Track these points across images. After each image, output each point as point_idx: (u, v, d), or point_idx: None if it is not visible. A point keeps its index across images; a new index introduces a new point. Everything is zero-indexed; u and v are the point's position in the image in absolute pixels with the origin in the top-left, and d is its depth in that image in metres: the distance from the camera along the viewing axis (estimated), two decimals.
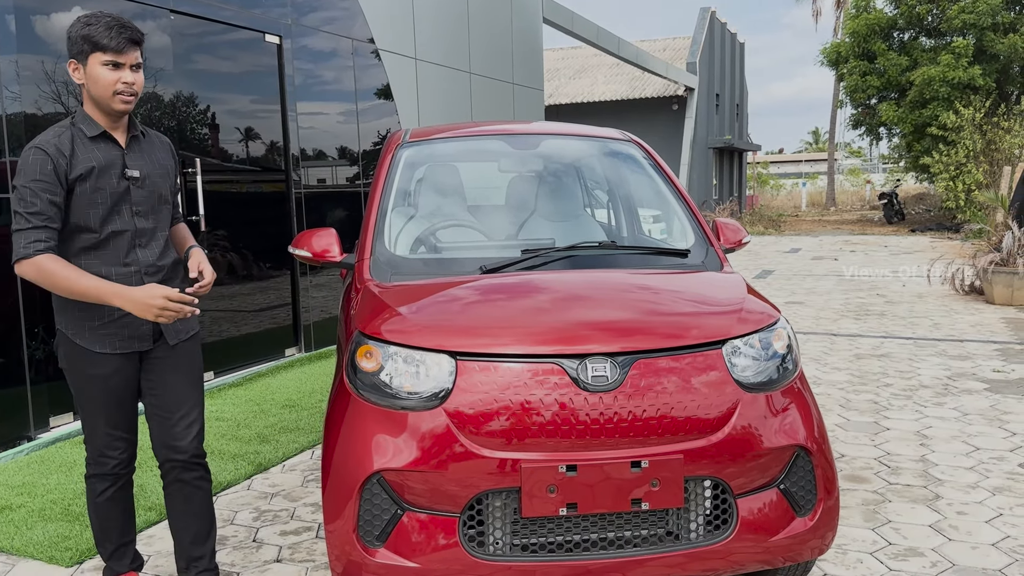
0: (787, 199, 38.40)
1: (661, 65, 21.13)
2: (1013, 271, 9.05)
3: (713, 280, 3.11)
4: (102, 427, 2.73)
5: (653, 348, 2.54)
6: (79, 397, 2.72)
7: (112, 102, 2.58)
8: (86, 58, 2.56)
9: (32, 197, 2.48)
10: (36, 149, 2.52)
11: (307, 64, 7.22)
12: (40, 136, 2.58)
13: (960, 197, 19.09)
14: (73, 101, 5.08)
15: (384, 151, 3.68)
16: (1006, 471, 4.13)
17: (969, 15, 19.96)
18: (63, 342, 2.67)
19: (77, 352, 2.64)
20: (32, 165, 2.50)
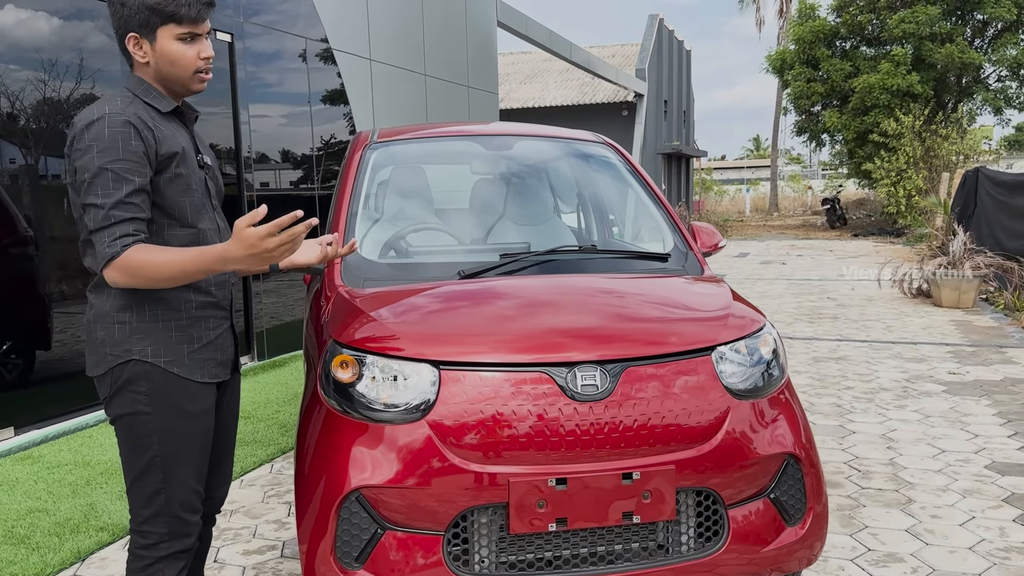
0: (731, 204, 38.99)
1: (611, 71, 21.24)
2: (960, 275, 9.24)
3: (697, 285, 3.05)
4: (191, 483, 2.15)
5: (643, 355, 2.45)
6: (163, 446, 2.07)
7: (192, 83, 2.13)
8: (154, 32, 2.04)
9: (116, 182, 1.93)
10: (112, 117, 1.95)
11: (259, 64, 7.01)
12: (99, 104, 2.01)
13: (901, 202, 19.58)
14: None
15: (351, 152, 3.54)
16: (973, 473, 4.16)
17: (908, 25, 20.48)
18: (148, 375, 2.05)
19: (174, 386, 2.07)
20: (111, 139, 1.94)
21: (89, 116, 1.98)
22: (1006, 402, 5.42)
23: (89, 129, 1.96)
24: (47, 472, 4.30)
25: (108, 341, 2.05)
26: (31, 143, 5.11)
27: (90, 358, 2.10)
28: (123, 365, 2.04)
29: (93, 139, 1.94)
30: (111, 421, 2.13)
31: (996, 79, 22.65)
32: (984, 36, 22.24)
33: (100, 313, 2.07)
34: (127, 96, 2.06)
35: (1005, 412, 5.19)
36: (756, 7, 37.50)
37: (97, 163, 1.93)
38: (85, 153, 1.95)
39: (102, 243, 1.93)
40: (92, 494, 3.99)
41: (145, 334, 2.05)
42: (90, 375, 2.12)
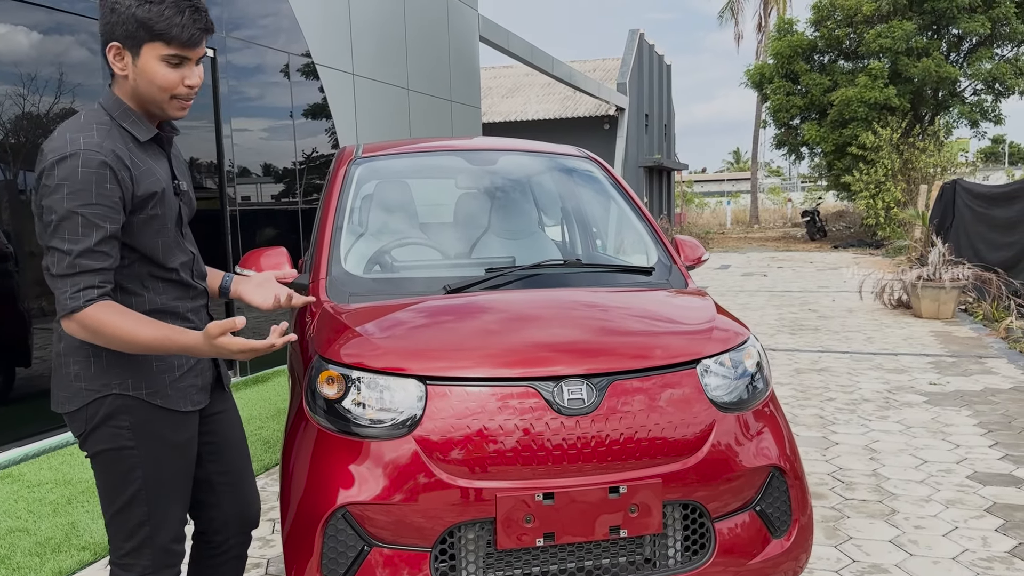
0: (712, 217, 39.24)
1: (593, 85, 21.37)
2: (939, 286, 9.34)
3: (681, 298, 3.06)
4: (177, 513, 2.08)
5: (629, 369, 2.46)
6: (148, 479, 1.99)
7: (167, 107, 1.96)
8: (139, 46, 1.88)
9: (85, 228, 1.79)
10: (87, 155, 1.80)
11: (242, 78, 7.00)
12: (73, 131, 1.84)
13: (880, 214, 19.80)
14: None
15: (335, 167, 3.54)
16: (955, 483, 4.19)
17: (885, 40, 20.76)
18: (129, 409, 1.95)
19: (156, 418, 1.98)
20: (84, 181, 1.80)
21: (61, 149, 1.82)
22: (986, 412, 5.47)
23: (60, 165, 1.81)
24: (27, 491, 4.25)
25: (83, 376, 1.94)
26: (9, 158, 5.07)
27: (59, 393, 1.98)
28: (101, 400, 1.94)
29: (64, 178, 1.80)
30: (88, 456, 2.02)
31: (972, 92, 22.99)
32: (960, 50, 22.57)
33: (72, 346, 1.94)
34: (104, 122, 1.91)
35: (986, 422, 5.24)
36: (735, 22, 37.90)
37: (66, 205, 1.80)
38: (54, 192, 1.81)
39: (63, 292, 1.82)
40: (73, 513, 3.94)
41: (124, 367, 1.94)
42: (59, 411, 1.99)
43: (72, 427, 2.01)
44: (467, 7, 11.99)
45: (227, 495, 2.26)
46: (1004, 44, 22.11)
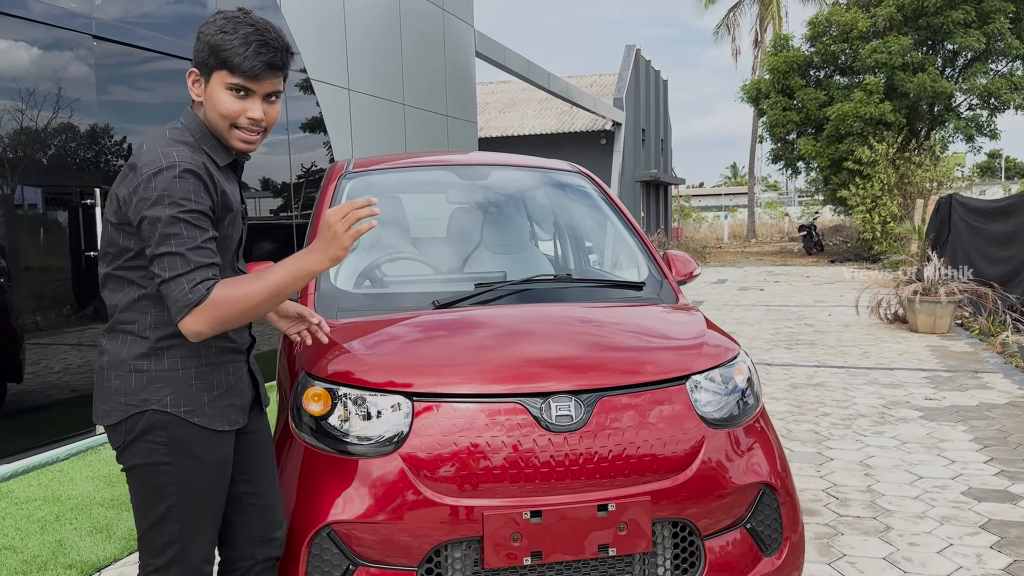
0: (709, 231, 39.27)
1: (589, 100, 21.44)
2: (935, 300, 9.33)
3: (671, 313, 3.05)
4: (209, 534, 2.09)
5: (618, 385, 2.45)
6: (181, 496, 2.00)
7: (228, 136, 2.02)
8: (209, 73, 1.97)
9: (190, 230, 1.86)
10: (182, 167, 1.88)
11: None
12: (164, 146, 1.92)
13: (876, 229, 19.82)
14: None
15: (326, 182, 3.53)
16: (950, 500, 4.17)
17: (880, 55, 20.85)
18: (165, 426, 1.97)
19: (192, 435, 1.99)
20: (183, 191, 1.87)
21: (156, 163, 1.89)
22: (982, 427, 5.45)
23: (157, 177, 1.87)
24: (15, 508, 4.21)
25: (123, 390, 1.97)
26: (6, 172, 5.06)
27: (101, 406, 2.03)
28: (139, 415, 1.96)
29: (163, 189, 1.86)
30: (124, 469, 2.06)
31: (967, 107, 23.07)
32: (955, 65, 22.67)
33: (115, 360, 1.99)
34: (188, 141, 1.98)
35: (981, 438, 5.22)
36: (731, 38, 38.07)
37: (169, 212, 1.85)
38: (155, 203, 1.86)
39: (181, 291, 1.84)
40: (61, 530, 3.90)
41: (164, 383, 1.97)
42: (100, 424, 2.05)
43: (111, 439, 2.05)
44: (463, 23, 12.04)
45: (255, 516, 2.23)
46: (999, 59, 22.21)
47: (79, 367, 5.50)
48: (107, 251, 2.04)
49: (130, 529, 3.90)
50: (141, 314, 2.00)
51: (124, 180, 1.95)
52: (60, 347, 5.49)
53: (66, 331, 5.48)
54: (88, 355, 5.59)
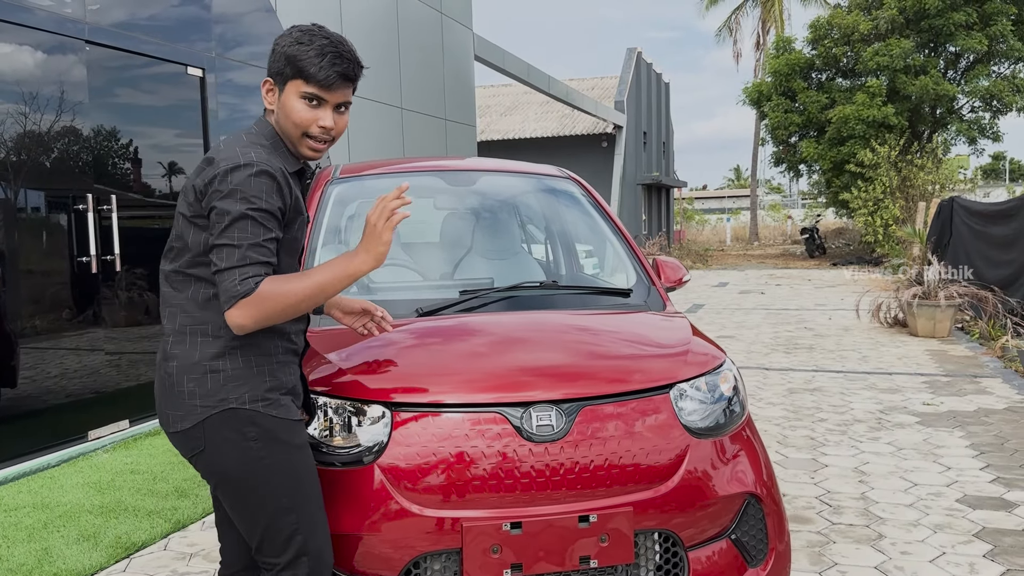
0: (712, 234, 39.24)
1: (590, 103, 21.42)
2: (935, 304, 9.29)
3: (657, 321, 3.02)
4: (321, 517, 2.13)
5: (600, 394, 2.42)
6: (287, 485, 2.05)
7: (299, 144, 2.10)
8: (284, 82, 2.06)
9: (255, 227, 1.92)
10: (259, 167, 1.94)
11: (232, 98, 7.00)
12: (242, 146, 1.99)
13: (879, 232, 19.76)
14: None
15: (312, 188, 3.51)
16: (945, 507, 4.13)
17: (882, 57, 20.81)
18: (252, 419, 2.00)
19: (279, 426, 2.04)
20: (257, 189, 1.93)
21: (234, 159, 1.95)
22: (979, 433, 5.41)
23: (234, 173, 1.93)
24: (3, 515, 4.19)
25: (199, 392, 2.00)
26: (3, 175, 5.06)
27: (172, 412, 2.03)
28: (219, 415, 1.99)
29: (238, 184, 1.92)
30: (212, 476, 2.07)
31: (970, 110, 23.01)
32: (957, 68, 22.62)
33: (187, 364, 2.01)
34: (264, 145, 2.05)
35: (978, 444, 5.18)
36: (733, 40, 38.05)
37: (239, 207, 1.92)
38: (227, 196, 1.93)
39: (232, 281, 1.90)
40: (48, 538, 3.88)
41: (242, 380, 2.01)
42: (173, 431, 2.05)
43: (185, 446, 2.06)
44: (462, 26, 12.03)
45: None
46: (1001, 61, 22.15)
47: (75, 372, 5.49)
48: (174, 246, 2.07)
49: (117, 537, 3.88)
50: (214, 313, 2.02)
51: (200, 173, 2.00)
52: (56, 351, 5.47)
53: (61, 335, 5.46)
54: (86, 359, 5.58)
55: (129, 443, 5.44)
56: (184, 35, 6.47)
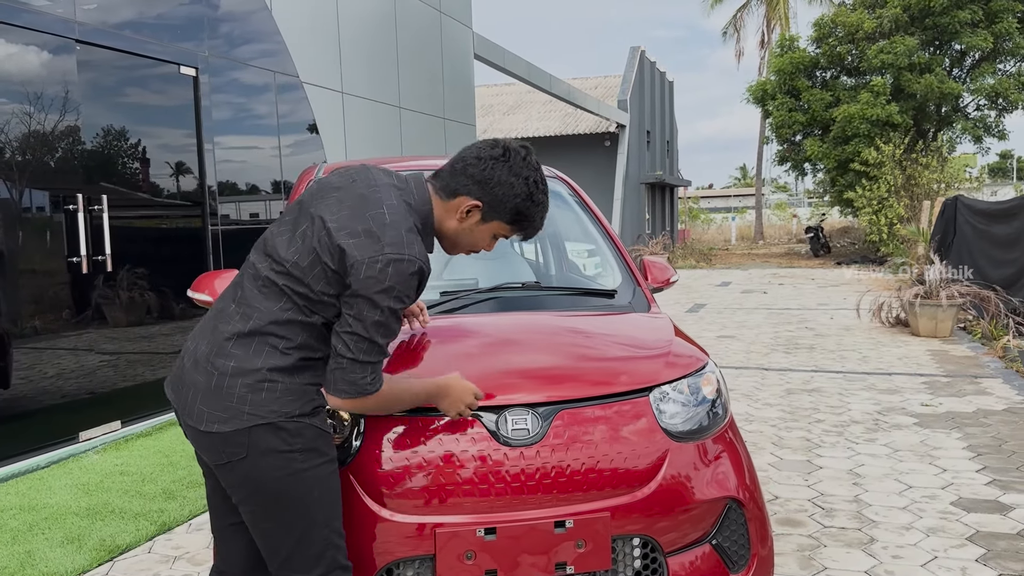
0: (717, 233, 39.11)
1: (593, 102, 21.36)
2: (936, 304, 9.21)
3: (639, 322, 2.98)
4: (343, 532, 2.14)
5: (577, 397, 2.38)
6: (325, 501, 2.06)
7: (450, 249, 2.25)
8: (494, 219, 2.15)
9: (395, 324, 2.01)
10: (418, 265, 1.99)
11: (226, 97, 6.98)
12: (407, 231, 2.00)
13: (883, 231, 19.67)
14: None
15: (296, 187, 3.48)
16: (939, 510, 4.08)
17: (887, 56, 20.70)
18: (300, 431, 2.00)
19: (319, 436, 2.05)
20: (407, 287, 1.98)
21: (398, 249, 1.96)
22: (977, 435, 5.35)
23: (395, 266, 1.95)
24: None
25: (250, 399, 1.97)
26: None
27: (215, 412, 1.98)
28: (268, 426, 1.97)
29: (396, 281, 1.95)
30: (247, 485, 2.01)
31: (975, 108, 22.89)
32: (962, 66, 22.49)
33: (246, 368, 1.99)
34: (417, 229, 2.06)
35: (975, 445, 5.12)
36: (737, 38, 37.92)
37: (391, 305, 1.96)
38: (383, 292, 1.95)
39: (363, 377, 2.01)
40: (32, 541, 3.86)
41: (296, 396, 2.01)
42: (208, 430, 1.99)
43: (220, 450, 2.00)
44: (461, 25, 11.99)
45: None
46: (1007, 59, 22.02)
47: (68, 373, 5.46)
48: (285, 259, 2.04)
49: (102, 539, 3.86)
50: (292, 333, 2.02)
51: (360, 244, 1.97)
52: (53, 352, 5.45)
53: (53, 336, 5.44)
54: (81, 360, 5.55)
55: (120, 444, 5.42)
56: (177, 34, 6.44)
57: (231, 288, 2.14)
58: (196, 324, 2.20)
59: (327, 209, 2.05)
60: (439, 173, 2.20)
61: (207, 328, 2.10)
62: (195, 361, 2.05)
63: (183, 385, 2.06)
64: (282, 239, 2.09)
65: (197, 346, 2.07)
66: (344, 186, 2.11)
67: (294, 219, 2.12)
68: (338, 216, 2.02)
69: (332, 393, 2.04)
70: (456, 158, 2.20)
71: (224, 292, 2.16)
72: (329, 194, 2.10)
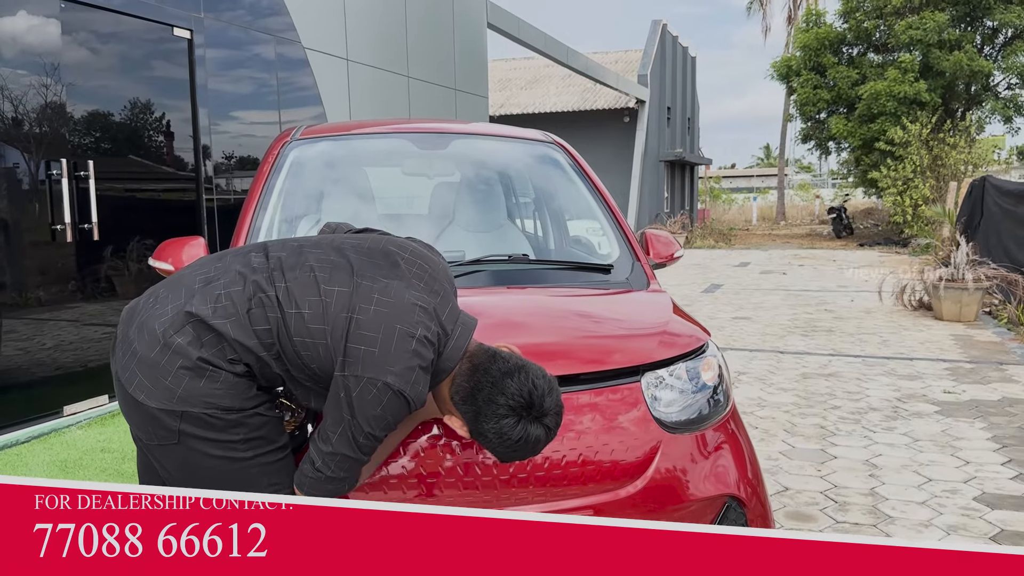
0: (738, 213, 38.53)
1: (612, 76, 20.93)
2: (962, 287, 8.86)
3: (634, 300, 2.72)
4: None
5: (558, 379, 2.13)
6: (273, 487, 1.88)
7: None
8: (465, 414, 1.84)
9: (375, 445, 1.81)
10: (412, 404, 1.77)
11: (222, 61, 6.72)
12: (418, 371, 1.76)
13: (908, 212, 19.18)
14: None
15: (268, 151, 3.23)
16: (960, 506, 3.81)
17: (916, 31, 20.11)
18: (242, 422, 1.81)
19: (264, 426, 1.86)
20: (396, 419, 1.79)
21: (403, 382, 1.73)
22: (1002, 425, 5.05)
23: (392, 397, 1.73)
24: None
25: (187, 384, 1.78)
26: None
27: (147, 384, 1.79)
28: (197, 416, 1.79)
29: (388, 410, 1.74)
30: (184, 471, 1.84)
31: (1006, 87, 22.24)
32: (994, 43, 21.82)
33: (189, 352, 1.79)
34: (428, 376, 1.80)
35: (1000, 436, 4.83)
36: (763, 14, 37.16)
37: (380, 433, 1.77)
38: (375, 419, 1.74)
39: (341, 487, 1.83)
40: None
41: (240, 391, 1.81)
42: (137, 398, 1.81)
43: (152, 430, 1.81)
44: None
45: None
46: None
47: (52, 345, 5.28)
48: (293, 312, 1.78)
49: None
50: (248, 360, 1.79)
51: (372, 353, 1.74)
52: (39, 323, 5.26)
53: (44, 308, 5.25)
54: (64, 333, 5.38)
55: (105, 419, 5.24)
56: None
57: (227, 268, 1.86)
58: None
59: (367, 293, 1.79)
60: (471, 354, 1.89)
61: (180, 287, 1.85)
62: (154, 315, 1.80)
63: (127, 338, 1.82)
64: (306, 277, 1.81)
65: (165, 300, 1.83)
66: (403, 275, 1.85)
67: (332, 266, 1.83)
68: (370, 310, 1.77)
69: (305, 495, 1.81)
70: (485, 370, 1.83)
71: (222, 265, 1.88)
72: (383, 274, 1.84)
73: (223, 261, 1.90)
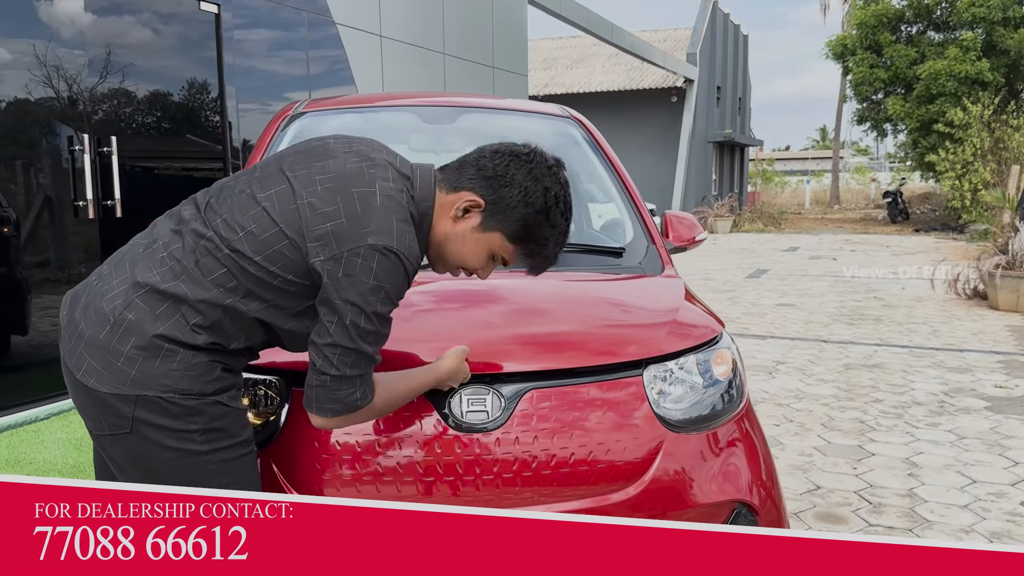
0: (791, 196, 37.67)
1: (659, 55, 20.48)
2: (1020, 276, 8.44)
3: (645, 286, 2.52)
4: None
5: (548, 373, 1.96)
6: (231, 485, 1.71)
7: (439, 268, 1.84)
8: (494, 230, 1.74)
9: (386, 328, 1.67)
10: (407, 262, 1.62)
11: (250, 36, 6.63)
12: (399, 221, 1.62)
13: (966, 197, 18.49)
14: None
15: (270, 123, 3.09)
16: (1006, 511, 3.55)
17: (979, 8, 19.31)
18: (201, 410, 1.67)
19: (225, 417, 1.71)
20: (398, 287, 1.64)
21: (387, 240, 1.59)
22: None
23: (384, 261, 1.59)
24: None
25: (140, 365, 1.67)
26: None
27: (97, 367, 1.68)
28: (154, 400, 1.67)
29: (385, 280, 1.60)
30: (136, 465, 1.71)
31: None
32: None
33: (143, 329, 1.67)
34: (409, 220, 1.66)
35: None
36: None
37: (381, 309, 1.62)
38: (370, 292, 1.59)
39: (351, 393, 1.66)
40: None
41: (200, 372, 1.69)
42: (86, 383, 1.69)
43: (101, 418, 1.68)
44: None
45: None
46: None
47: None
48: (241, 237, 1.64)
49: None
50: (212, 314, 1.64)
51: (340, 230, 1.60)
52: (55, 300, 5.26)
53: (69, 286, 5.24)
54: None
55: None
56: None
57: (162, 229, 1.75)
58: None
59: (307, 177, 1.65)
60: (448, 165, 1.80)
61: (124, 261, 1.73)
62: (99, 293, 1.68)
63: (72, 321, 1.70)
64: (240, 199, 1.67)
65: (110, 277, 1.72)
66: (335, 153, 1.71)
67: (261, 178, 1.70)
68: (317, 189, 1.63)
69: (315, 413, 1.68)
70: (473, 151, 1.81)
71: (156, 230, 1.76)
72: (315, 159, 1.70)
73: (157, 227, 1.78)
